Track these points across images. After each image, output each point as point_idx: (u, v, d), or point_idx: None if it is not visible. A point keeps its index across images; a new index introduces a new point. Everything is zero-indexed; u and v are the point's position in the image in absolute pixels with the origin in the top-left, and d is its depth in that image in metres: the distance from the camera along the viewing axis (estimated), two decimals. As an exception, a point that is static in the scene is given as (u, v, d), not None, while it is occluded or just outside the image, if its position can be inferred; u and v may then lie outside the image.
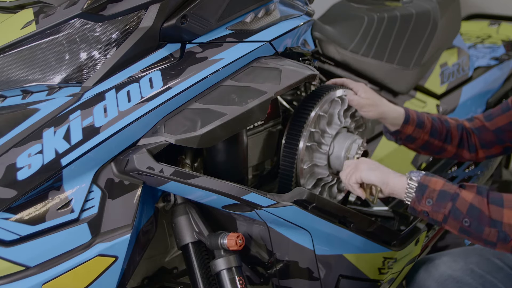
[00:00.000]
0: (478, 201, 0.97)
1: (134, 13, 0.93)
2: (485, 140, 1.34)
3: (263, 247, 1.11)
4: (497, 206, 0.96)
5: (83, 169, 0.90)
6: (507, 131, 1.30)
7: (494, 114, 1.33)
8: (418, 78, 1.85)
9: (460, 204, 0.97)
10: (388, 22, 1.76)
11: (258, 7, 1.07)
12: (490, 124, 1.32)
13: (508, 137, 1.31)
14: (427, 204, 1.00)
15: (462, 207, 0.97)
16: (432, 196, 1.00)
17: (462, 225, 0.98)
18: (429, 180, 1.02)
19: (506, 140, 1.32)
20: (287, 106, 1.37)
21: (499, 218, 0.95)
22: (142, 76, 0.94)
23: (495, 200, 0.97)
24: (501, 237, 0.95)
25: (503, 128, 1.30)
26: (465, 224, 0.97)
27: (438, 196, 0.99)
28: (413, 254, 1.31)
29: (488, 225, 0.95)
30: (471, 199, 0.97)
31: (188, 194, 1.01)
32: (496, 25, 2.50)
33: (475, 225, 0.97)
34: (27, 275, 0.85)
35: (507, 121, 1.29)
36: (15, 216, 0.86)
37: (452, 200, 0.98)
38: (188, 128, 0.95)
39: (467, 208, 0.97)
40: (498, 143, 1.33)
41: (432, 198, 1.00)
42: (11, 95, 0.93)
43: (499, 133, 1.31)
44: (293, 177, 1.20)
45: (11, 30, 0.92)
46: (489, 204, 0.96)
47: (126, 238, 0.91)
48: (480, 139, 1.35)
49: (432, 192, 1.00)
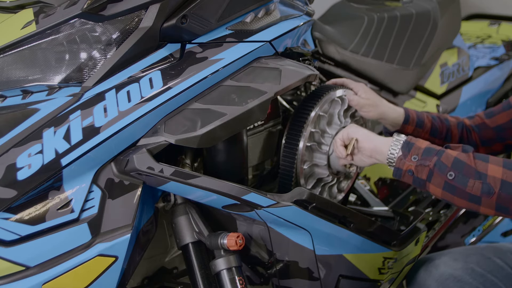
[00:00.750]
0: (463, 156, 0.98)
1: (134, 13, 0.93)
2: (486, 138, 1.34)
3: (263, 247, 1.11)
4: (483, 161, 0.97)
5: (83, 169, 0.90)
6: (508, 129, 1.30)
7: (495, 111, 1.33)
8: (418, 78, 1.85)
9: (446, 158, 0.99)
10: (388, 22, 1.76)
11: (258, 7, 1.07)
12: (491, 121, 1.33)
13: (509, 134, 1.31)
14: (413, 160, 1.01)
15: (447, 161, 0.98)
16: (418, 153, 1.01)
17: (447, 179, 0.98)
18: (416, 140, 1.04)
19: (506, 138, 1.32)
20: (287, 106, 1.37)
21: (484, 170, 0.96)
22: (142, 76, 0.94)
23: (480, 156, 0.98)
24: (485, 189, 0.95)
25: (504, 126, 1.31)
26: (449, 177, 0.97)
27: (424, 152, 1.01)
28: (413, 254, 1.31)
29: (472, 176, 0.96)
30: (457, 154, 0.99)
31: (188, 194, 1.01)
32: (496, 25, 2.50)
33: (460, 178, 0.97)
34: (27, 275, 0.85)
35: (508, 119, 1.30)
36: (15, 216, 0.86)
37: (437, 154, 1.00)
38: (188, 128, 0.95)
39: (452, 161, 0.98)
40: (499, 141, 1.33)
41: (418, 155, 1.01)
42: (11, 95, 0.93)
43: (499, 131, 1.32)
44: (293, 177, 1.20)
45: (11, 30, 0.92)
46: (474, 159, 0.97)
47: (126, 238, 0.91)
48: (480, 136, 1.35)
49: (418, 149, 1.02)
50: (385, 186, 1.80)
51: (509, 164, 0.96)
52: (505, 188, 0.94)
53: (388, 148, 1.05)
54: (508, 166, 0.95)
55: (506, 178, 0.94)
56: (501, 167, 0.95)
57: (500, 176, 0.94)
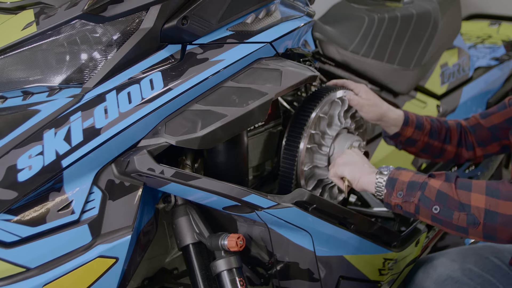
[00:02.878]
0: (446, 187, 0.97)
1: (135, 14, 0.93)
2: (481, 138, 1.35)
3: (263, 248, 1.11)
4: (465, 191, 0.96)
5: (83, 170, 0.90)
6: (502, 129, 1.31)
7: (490, 112, 1.34)
8: (419, 79, 1.85)
9: (429, 191, 0.98)
10: (389, 22, 1.76)
11: (259, 8, 1.07)
12: (485, 121, 1.33)
13: (503, 134, 1.31)
14: (398, 197, 1.01)
15: (430, 195, 0.98)
16: (402, 188, 1.01)
17: (433, 213, 0.98)
18: (399, 174, 1.04)
19: (501, 138, 1.32)
20: (288, 106, 1.37)
21: (467, 201, 0.95)
22: (142, 77, 0.94)
23: (463, 185, 0.97)
24: (470, 220, 0.94)
25: (498, 126, 1.31)
26: (434, 211, 0.97)
27: (407, 187, 1.01)
28: (413, 255, 1.31)
29: (456, 209, 0.95)
30: (439, 185, 0.98)
31: (189, 195, 1.01)
32: (496, 25, 2.50)
33: (445, 211, 0.97)
34: (28, 277, 0.85)
35: (502, 119, 1.30)
36: (16, 218, 0.86)
37: (420, 188, 0.99)
38: (188, 129, 0.95)
39: (435, 194, 0.97)
40: (494, 141, 1.34)
41: (403, 190, 1.01)
42: (11, 96, 0.93)
43: (494, 131, 1.32)
44: (293, 179, 1.20)
45: (12, 31, 0.92)
46: (457, 189, 0.96)
47: (127, 240, 0.91)
48: (476, 137, 1.35)
49: (402, 184, 1.01)
50: (385, 187, 1.80)
51: (492, 191, 0.94)
52: (489, 217, 0.93)
53: (374, 186, 1.06)
54: (491, 193, 0.94)
55: (489, 207, 0.93)
56: (484, 195, 0.94)
57: (484, 206, 0.93)
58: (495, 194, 0.93)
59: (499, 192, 0.93)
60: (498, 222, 0.92)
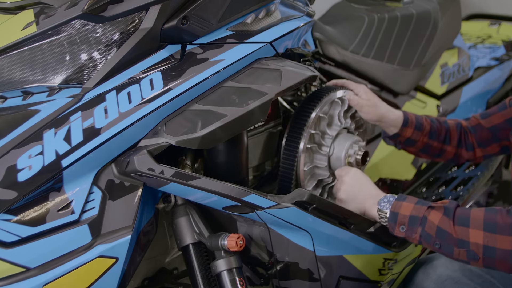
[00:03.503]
0: (445, 223, 0.98)
1: (134, 14, 0.93)
2: (481, 139, 1.34)
3: (263, 248, 1.11)
4: (463, 227, 0.97)
5: (83, 170, 0.90)
6: (502, 129, 1.31)
7: (490, 112, 1.34)
8: (419, 79, 1.85)
9: (429, 227, 1.00)
10: (389, 22, 1.76)
11: (259, 8, 1.07)
12: (486, 122, 1.33)
13: (504, 135, 1.31)
14: (401, 231, 1.03)
15: (431, 231, 0.99)
16: (404, 222, 1.03)
17: (435, 248, 1.00)
18: (400, 206, 1.04)
19: (501, 138, 1.32)
20: (288, 106, 1.37)
21: (466, 238, 0.96)
22: (142, 77, 0.94)
23: (461, 220, 0.97)
24: (470, 256, 0.96)
25: (499, 126, 1.31)
26: (436, 246, 1.00)
27: (409, 222, 1.02)
28: (413, 255, 1.31)
29: (456, 245, 0.97)
30: (438, 221, 0.99)
31: (189, 195, 1.01)
32: (496, 25, 2.50)
33: (445, 246, 0.99)
34: (28, 277, 0.85)
35: (503, 120, 1.30)
36: (16, 218, 0.86)
37: (421, 224, 1.01)
38: (188, 129, 0.95)
39: (435, 231, 0.99)
40: (494, 141, 1.34)
41: (405, 224, 1.03)
42: (11, 96, 0.93)
43: (494, 131, 1.32)
44: (293, 179, 1.20)
45: (12, 31, 0.92)
46: (455, 226, 0.97)
47: (127, 240, 0.91)
48: (476, 137, 1.35)
49: (404, 218, 1.03)
50: (385, 186, 1.80)
51: (489, 225, 0.95)
52: (488, 252, 0.94)
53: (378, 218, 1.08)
54: (489, 228, 0.95)
55: (487, 243, 0.94)
56: (482, 231, 0.95)
57: (482, 242, 0.94)
58: (493, 228, 0.94)
59: (496, 226, 0.94)
60: (497, 256, 0.94)
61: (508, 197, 2.17)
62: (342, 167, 1.21)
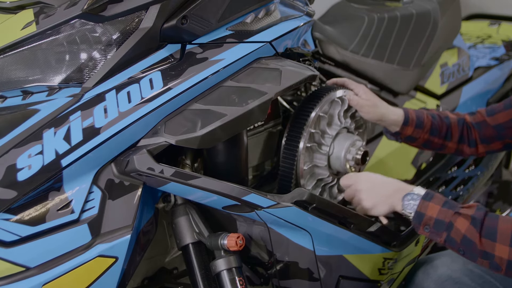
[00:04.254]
0: (472, 233, 0.97)
1: (134, 14, 0.93)
2: (485, 136, 1.34)
3: (263, 247, 1.11)
4: (490, 241, 0.96)
5: (83, 169, 0.90)
6: (508, 128, 1.30)
7: (496, 109, 1.33)
8: (418, 78, 1.85)
9: (455, 234, 0.99)
10: (389, 22, 1.76)
11: (259, 7, 1.07)
12: (491, 119, 1.32)
13: (509, 134, 1.31)
14: (425, 231, 1.02)
15: (456, 237, 0.99)
16: (429, 223, 1.01)
17: (458, 252, 1.00)
18: (426, 207, 1.02)
19: (506, 137, 1.32)
20: (287, 106, 1.37)
21: (491, 251, 0.96)
22: (142, 76, 0.94)
23: (489, 233, 0.96)
24: (493, 266, 0.97)
25: (504, 125, 1.30)
26: (460, 252, 1.00)
27: (435, 225, 1.01)
28: (413, 255, 1.31)
29: (480, 255, 0.97)
30: (465, 230, 0.98)
31: (188, 195, 1.01)
32: (496, 25, 2.50)
33: (469, 254, 0.99)
34: (27, 276, 0.85)
35: (508, 118, 1.29)
36: (15, 217, 0.86)
37: (447, 230, 1.00)
38: (188, 129, 0.95)
39: (461, 238, 0.98)
40: (498, 139, 1.33)
41: (430, 225, 1.01)
42: (11, 96, 0.93)
43: (499, 130, 1.31)
44: (292, 178, 1.20)
45: (12, 31, 0.92)
46: (481, 238, 0.96)
47: (126, 239, 0.91)
48: (480, 134, 1.35)
49: (429, 220, 1.01)
50: (385, 186, 1.80)
51: None
52: (511, 266, 0.95)
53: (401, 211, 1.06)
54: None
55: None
56: (508, 247, 0.94)
57: (507, 257, 0.94)
58: None
59: None
60: None
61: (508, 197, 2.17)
62: (344, 176, 1.18)
